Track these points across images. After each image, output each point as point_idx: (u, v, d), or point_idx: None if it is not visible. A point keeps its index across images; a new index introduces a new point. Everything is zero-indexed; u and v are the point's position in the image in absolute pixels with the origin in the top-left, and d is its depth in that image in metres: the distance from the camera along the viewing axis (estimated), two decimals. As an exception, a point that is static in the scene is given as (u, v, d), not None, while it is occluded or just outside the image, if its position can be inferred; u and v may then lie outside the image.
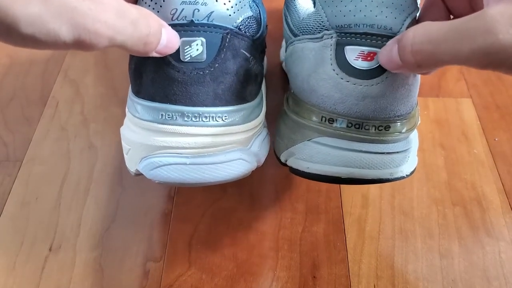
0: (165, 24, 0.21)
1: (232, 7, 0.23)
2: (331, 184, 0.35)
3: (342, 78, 0.23)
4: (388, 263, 0.31)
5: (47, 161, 0.36)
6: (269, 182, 0.35)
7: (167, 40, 0.21)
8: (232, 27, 0.23)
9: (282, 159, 0.28)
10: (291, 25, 0.28)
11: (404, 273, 0.30)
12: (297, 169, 0.27)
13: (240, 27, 0.24)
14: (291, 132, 0.27)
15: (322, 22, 0.24)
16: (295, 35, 0.27)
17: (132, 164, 0.25)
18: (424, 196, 0.34)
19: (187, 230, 0.32)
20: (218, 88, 0.23)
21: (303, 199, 0.34)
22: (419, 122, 0.26)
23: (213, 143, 0.24)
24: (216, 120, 0.23)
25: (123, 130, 0.26)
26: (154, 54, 0.21)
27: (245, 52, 0.24)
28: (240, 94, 0.24)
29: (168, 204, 0.33)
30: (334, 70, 0.24)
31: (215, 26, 0.23)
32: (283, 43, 0.42)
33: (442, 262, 0.31)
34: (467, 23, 0.16)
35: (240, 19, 0.24)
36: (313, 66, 0.25)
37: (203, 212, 0.33)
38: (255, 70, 0.25)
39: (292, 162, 0.27)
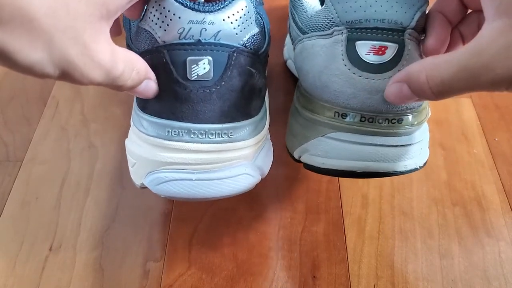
0: (150, 75, 0.22)
1: (239, 25, 0.23)
2: (331, 184, 0.35)
3: (354, 73, 0.24)
4: (388, 263, 0.31)
5: (47, 161, 0.36)
6: (269, 182, 0.35)
7: (143, 89, 0.22)
8: (238, 45, 0.23)
9: (296, 156, 0.28)
10: (299, 23, 0.28)
11: (404, 273, 0.30)
12: (312, 165, 0.27)
13: (247, 44, 0.24)
14: (304, 129, 0.27)
15: (332, 18, 0.24)
16: (304, 33, 0.27)
17: (138, 177, 0.25)
18: (424, 196, 0.34)
19: (187, 230, 0.32)
20: (224, 106, 0.23)
21: (303, 199, 0.34)
22: (429, 114, 0.27)
23: (219, 159, 0.24)
24: (222, 136, 0.24)
25: (128, 143, 0.26)
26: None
27: (250, 68, 0.24)
28: (245, 110, 0.25)
29: (168, 204, 0.33)
30: (346, 65, 0.24)
31: (222, 45, 0.23)
32: (286, 41, 0.42)
33: (442, 262, 0.31)
34: (470, 61, 0.18)
35: (247, 36, 0.24)
36: (325, 62, 0.25)
37: (203, 212, 0.33)
38: (259, 84, 0.26)
39: (306, 159, 0.27)
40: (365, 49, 0.23)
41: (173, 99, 0.23)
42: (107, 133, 0.38)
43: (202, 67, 0.23)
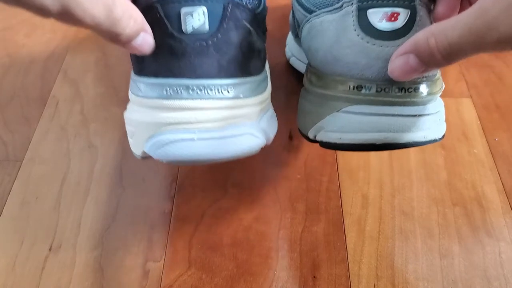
0: (146, 28, 0.21)
1: None
2: (331, 184, 0.35)
3: (368, 42, 0.23)
4: (388, 263, 0.31)
5: (47, 161, 0.36)
6: (269, 182, 0.35)
7: (139, 43, 0.21)
8: None
9: (311, 135, 0.27)
10: (305, 3, 0.28)
11: (404, 273, 0.30)
12: (328, 142, 0.26)
13: None
14: (317, 107, 0.26)
15: None
16: (311, 12, 0.27)
17: (138, 146, 0.24)
18: (424, 196, 0.34)
19: (187, 230, 0.32)
20: (222, 60, 0.23)
21: (303, 199, 0.34)
22: (443, 86, 0.26)
23: (220, 117, 0.23)
24: (221, 92, 0.23)
25: (127, 114, 0.25)
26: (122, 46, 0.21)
27: (247, 24, 0.24)
28: (244, 67, 0.24)
29: (168, 204, 0.33)
30: (358, 35, 0.24)
31: None
32: (288, 40, 0.42)
33: (442, 262, 0.31)
34: (475, 22, 0.18)
35: None
36: (335, 36, 0.25)
37: (203, 212, 0.33)
38: (258, 46, 0.25)
39: (322, 136, 0.27)
40: (377, 17, 0.23)
41: (169, 55, 0.22)
42: (107, 133, 0.38)
43: (197, 18, 0.22)
